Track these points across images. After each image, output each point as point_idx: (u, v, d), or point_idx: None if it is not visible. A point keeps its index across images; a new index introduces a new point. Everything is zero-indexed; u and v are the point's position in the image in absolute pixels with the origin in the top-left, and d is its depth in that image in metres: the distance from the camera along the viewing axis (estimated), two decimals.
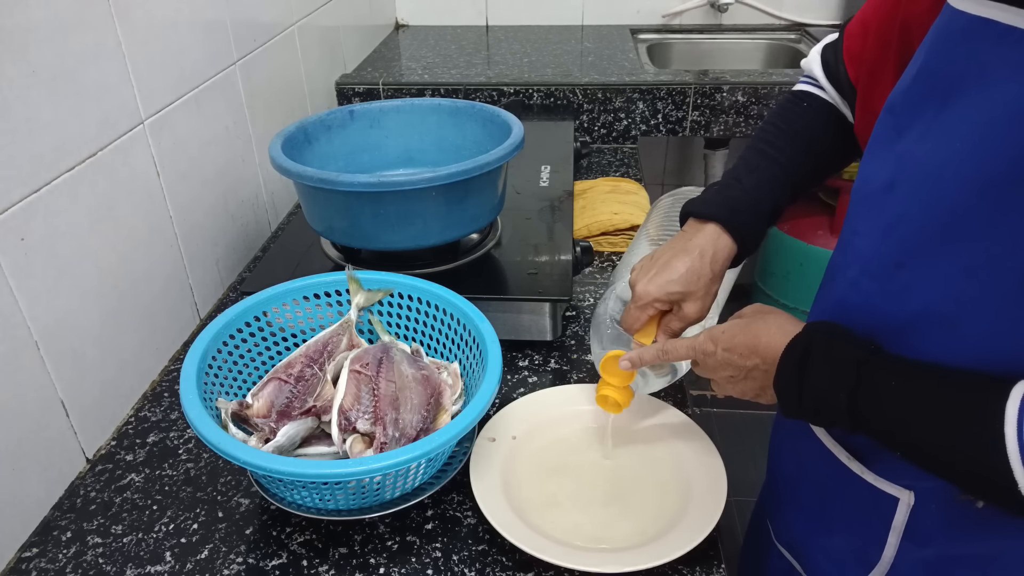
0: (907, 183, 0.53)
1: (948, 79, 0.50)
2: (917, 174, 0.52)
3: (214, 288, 1.07)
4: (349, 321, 0.82)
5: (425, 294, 0.82)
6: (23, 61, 0.69)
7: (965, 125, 0.49)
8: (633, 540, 0.67)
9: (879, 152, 0.58)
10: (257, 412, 0.71)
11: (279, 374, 0.75)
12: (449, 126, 1.09)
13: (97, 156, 0.80)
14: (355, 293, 0.83)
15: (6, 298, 0.68)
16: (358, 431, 0.69)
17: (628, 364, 0.71)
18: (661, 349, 0.69)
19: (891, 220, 0.55)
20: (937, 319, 0.52)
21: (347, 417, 0.69)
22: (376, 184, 0.85)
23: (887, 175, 0.56)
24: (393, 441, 0.68)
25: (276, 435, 0.69)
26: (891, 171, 0.55)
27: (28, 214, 0.70)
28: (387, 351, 0.76)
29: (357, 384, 0.72)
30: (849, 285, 0.60)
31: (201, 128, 1.02)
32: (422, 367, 0.77)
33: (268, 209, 1.24)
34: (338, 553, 0.68)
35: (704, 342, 0.65)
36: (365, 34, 1.83)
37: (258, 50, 1.19)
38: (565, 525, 0.69)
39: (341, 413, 0.69)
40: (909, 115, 0.54)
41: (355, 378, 0.72)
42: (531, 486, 0.73)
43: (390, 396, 0.71)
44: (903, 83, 0.56)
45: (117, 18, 0.82)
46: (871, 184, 0.58)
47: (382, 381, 0.72)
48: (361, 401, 0.70)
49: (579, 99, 1.57)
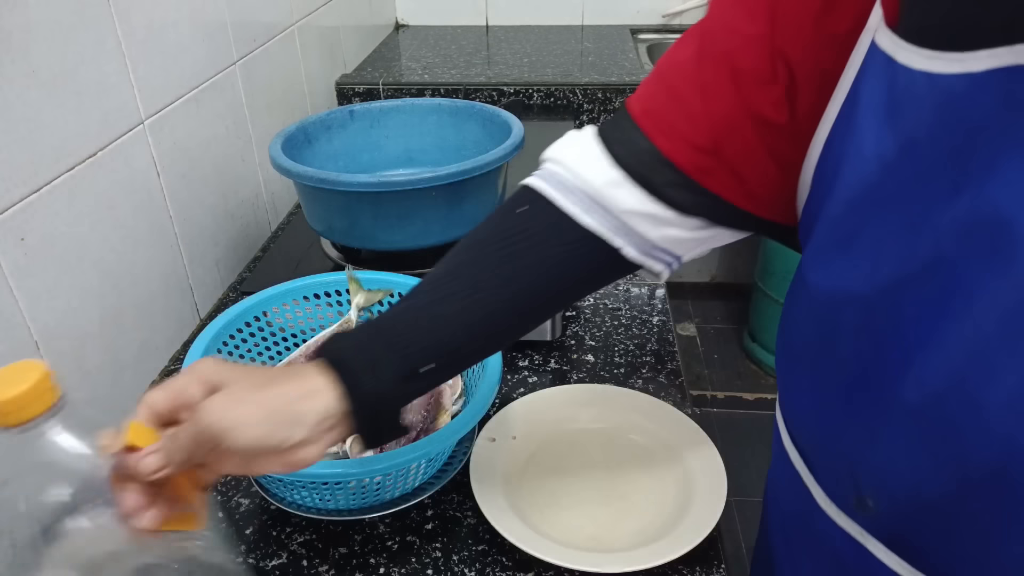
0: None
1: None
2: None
3: (214, 288, 1.07)
4: (349, 321, 0.82)
5: None
6: (23, 61, 0.69)
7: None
8: (633, 540, 0.67)
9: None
10: None
11: None
12: (449, 126, 1.09)
13: (97, 156, 0.80)
14: (355, 293, 0.83)
15: (6, 298, 0.68)
16: None
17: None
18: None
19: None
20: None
21: None
22: (376, 184, 0.85)
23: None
24: (393, 442, 0.67)
25: None
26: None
27: (28, 214, 0.70)
28: None
29: None
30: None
31: (201, 128, 1.02)
32: None
33: (268, 209, 1.24)
34: (338, 553, 0.68)
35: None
36: (365, 34, 1.83)
37: (258, 50, 1.19)
38: (565, 525, 0.69)
39: None
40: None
41: None
42: (531, 486, 0.73)
43: None
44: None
45: (117, 18, 0.83)
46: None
47: None
48: None
49: (579, 99, 1.57)
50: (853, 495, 0.49)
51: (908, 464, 0.44)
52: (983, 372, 0.38)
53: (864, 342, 0.45)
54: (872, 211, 0.43)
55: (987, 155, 0.36)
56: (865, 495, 0.48)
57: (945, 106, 0.37)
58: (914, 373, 0.41)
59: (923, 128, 0.39)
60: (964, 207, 0.37)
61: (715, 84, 0.49)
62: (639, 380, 0.89)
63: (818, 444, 0.53)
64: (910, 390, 0.42)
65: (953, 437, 0.41)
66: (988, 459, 0.39)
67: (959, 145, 0.37)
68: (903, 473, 0.44)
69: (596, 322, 0.99)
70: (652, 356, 0.93)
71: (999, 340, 0.37)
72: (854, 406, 0.47)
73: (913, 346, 0.41)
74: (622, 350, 0.94)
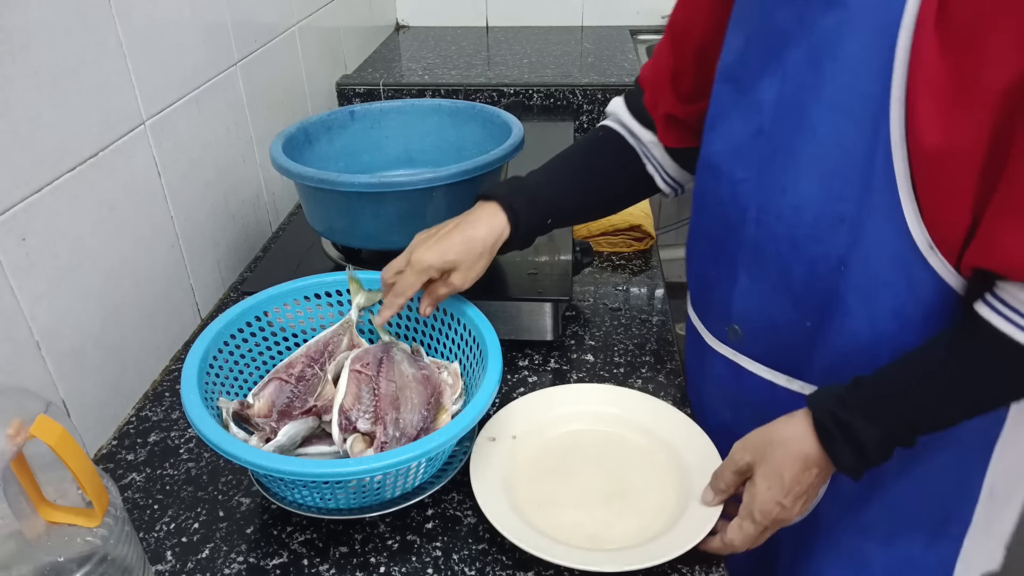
0: (774, 123, 0.64)
1: (779, 35, 0.62)
2: (782, 113, 0.63)
3: (215, 288, 1.07)
4: (350, 321, 0.82)
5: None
6: (24, 61, 0.69)
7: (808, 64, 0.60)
8: (633, 539, 0.68)
9: (730, 114, 0.68)
10: (258, 412, 0.71)
11: (280, 374, 0.75)
12: (449, 127, 1.09)
13: (98, 156, 0.80)
14: (356, 293, 0.83)
15: (7, 298, 0.69)
16: (359, 431, 0.69)
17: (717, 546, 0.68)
18: (724, 542, 0.67)
19: (766, 155, 0.66)
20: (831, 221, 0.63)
21: (348, 417, 0.69)
22: (376, 184, 0.85)
23: (752, 125, 0.66)
24: (393, 440, 0.68)
25: (277, 435, 0.69)
26: (755, 121, 0.66)
27: (29, 214, 0.70)
28: (387, 351, 0.77)
29: (358, 384, 0.72)
30: (754, 223, 0.68)
31: (202, 128, 1.02)
32: (422, 367, 0.77)
33: (269, 209, 1.24)
34: (339, 552, 0.69)
35: (762, 513, 0.64)
36: (366, 35, 1.84)
37: (259, 51, 1.19)
38: (565, 524, 0.69)
39: (342, 413, 0.69)
40: (752, 75, 0.65)
41: (356, 378, 0.72)
42: (531, 485, 0.73)
43: (391, 396, 0.71)
44: (732, 55, 0.68)
45: (118, 19, 0.83)
46: (735, 138, 0.68)
47: (383, 381, 0.72)
48: (362, 401, 0.71)
49: (579, 100, 1.57)
50: (726, 327, 0.75)
51: (755, 293, 0.70)
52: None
53: (723, 205, 0.71)
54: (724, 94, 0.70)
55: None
56: (735, 324, 0.74)
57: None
58: (751, 215, 0.68)
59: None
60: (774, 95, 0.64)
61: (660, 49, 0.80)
62: (639, 380, 0.89)
63: (704, 297, 0.80)
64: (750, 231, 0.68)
65: (780, 261, 0.66)
66: (803, 276, 0.65)
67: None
68: (753, 301, 0.71)
69: (596, 322, 0.99)
70: (651, 356, 0.93)
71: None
72: (722, 257, 0.73)
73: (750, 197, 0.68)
74: (622, 350, 0.94)
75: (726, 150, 0.70)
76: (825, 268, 0.64)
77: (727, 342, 0.77)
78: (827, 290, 0.65)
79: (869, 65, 0.56)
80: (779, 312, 0.69)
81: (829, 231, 0.62)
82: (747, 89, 0.66)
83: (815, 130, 0.60)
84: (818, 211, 0.63)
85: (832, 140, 0.60)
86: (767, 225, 0.67)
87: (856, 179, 0.59)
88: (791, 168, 0.63)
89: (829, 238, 0.63)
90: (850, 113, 0.58)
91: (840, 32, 0.57)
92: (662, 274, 1.11)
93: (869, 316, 0.63)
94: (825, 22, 0.57)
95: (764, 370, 0.74)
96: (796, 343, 0.70)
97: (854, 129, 0.58)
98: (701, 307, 0.81)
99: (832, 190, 0.61)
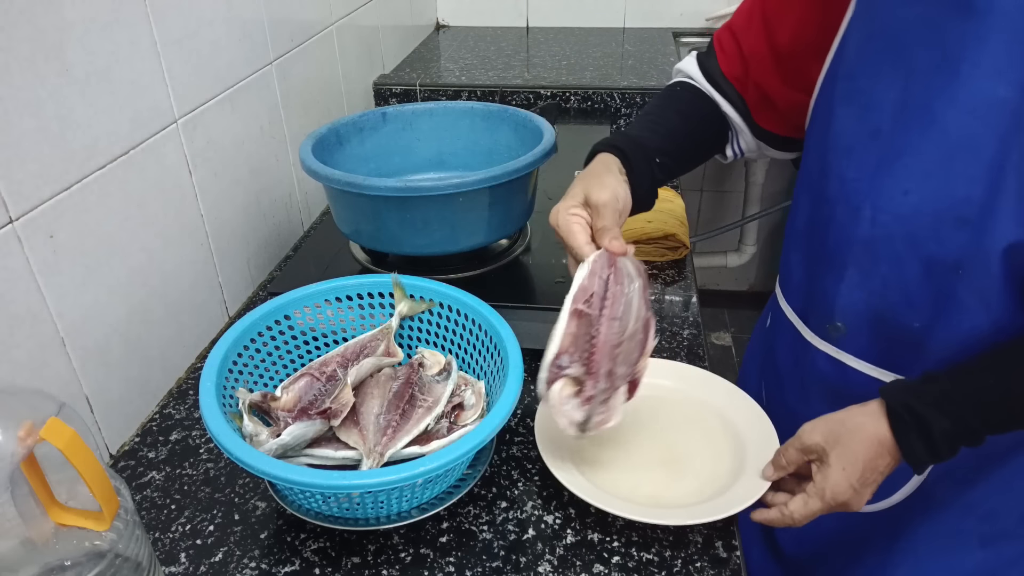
0: (896, 124, 0.64)
1: (903, 35, 0.62)
2: (906, 114, 0.63)
3: (244, 286, 1.07)
4: (389, 328, 0.81)
5: (455, 302, 0.81)
6: (57, 59, 0.70)
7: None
8: (692, 499, 0.70)
9: (838, 111, 0.69)
10: (283, 405, 0.71)
11: (313, 370, 0.75)
12: (481, 130, 1.08)
13: (129, 154, 0.81)
14: (399, 301, 0.82)
15: (33, 295, 0.69)
16: (568, 375, 0.65)
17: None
18: (791, 516, 0.68)
19: (886, 156, 0.65)
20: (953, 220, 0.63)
21: (559, 365, 0.65)
22: (403, 189, 0.84)
23: (869, 125, 0.66)
24: (600, 393, 0.65)
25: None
26: (872, 120, 0.66)
27: (58, 211, 0.71)
28: (615, 265, 0.67)
29: (577, 327, 0.66)
30: (868, 221, 0.68)
31: (235, 127, 1.02)
32: (647, 301, 0.69)
33: (301, 208, 1.24)
34: (351, 563, 0.68)
35: (833, 494, 0.66)
36: (405, 34, 1.83)
37: (295, 50, 1.19)
38: (623, 486, 0.72)
39: (554, 361, 0.65)
40: (868, 73, 0.66)
41: (575, 319, 0.66)
42: (592, 449, 0.76)
43: (611, 344, 0.65)
44: (848, 51, 0.68)
45: (153, 18, 0.83)
46: (847, 137, 0.68)
47: (604, 322, 0.65)
48: (577, 345, 0.66)
49: (617, 103, 1.54)
50: (828, 324, 0.75)
51: (864, 291, 0.71)
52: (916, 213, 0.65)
53: (831, 203, 0.71)
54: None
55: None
56: (837, 321, 0.74)
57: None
58: (866, 214, 0.68)
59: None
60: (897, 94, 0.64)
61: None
62: None
63: (803, 293, 0.80)
64: (863, 229, 0.68)
65: (894, 260, 0.67)
66: (918, 276, 0.66)
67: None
68: (860, 298, 0.71)
69: None
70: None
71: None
72: (826, 255, 0.73)
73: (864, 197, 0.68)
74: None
75: (836, 148, 0.70)
76: (941, 268, 0.64)
77: (827, 338, 0.77)
78: (941, 289, 0.65)
79: (1010, 71, 0.57)
80: (888, 309, 0.70)
81: (950, 232, 0.63)
82: (863, 88, 0.66)
83: (946, 133, 0.61)
84: (940, 212, 0.63)
85: (962, 143, 0.60)
86: (883, 224, 0.67)
87: (984, 182, 0.60)
88: (915, 169, 0.63)
89: (949, 239, 0.63)
90: (985, 118, 0.59)
91: (980, 37, 0.57)
92: (695, 284, 1.08)
93: (988, 315, 0.64)
94: (964, 26, 0.58)
95: (867, 366, 0.74)
96: (901, 340, 0.70)
97: (988, 133, 0.59)
98: (798, 302, 0.81)
99: (958, 192, 0.61)
